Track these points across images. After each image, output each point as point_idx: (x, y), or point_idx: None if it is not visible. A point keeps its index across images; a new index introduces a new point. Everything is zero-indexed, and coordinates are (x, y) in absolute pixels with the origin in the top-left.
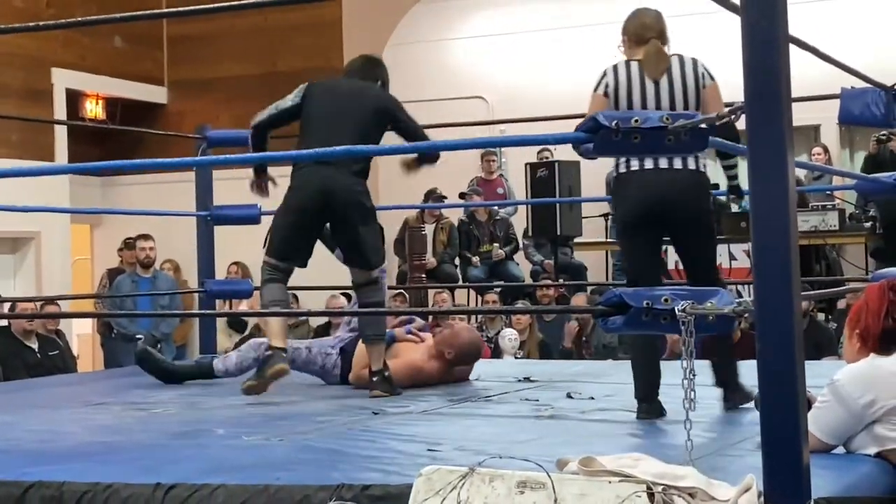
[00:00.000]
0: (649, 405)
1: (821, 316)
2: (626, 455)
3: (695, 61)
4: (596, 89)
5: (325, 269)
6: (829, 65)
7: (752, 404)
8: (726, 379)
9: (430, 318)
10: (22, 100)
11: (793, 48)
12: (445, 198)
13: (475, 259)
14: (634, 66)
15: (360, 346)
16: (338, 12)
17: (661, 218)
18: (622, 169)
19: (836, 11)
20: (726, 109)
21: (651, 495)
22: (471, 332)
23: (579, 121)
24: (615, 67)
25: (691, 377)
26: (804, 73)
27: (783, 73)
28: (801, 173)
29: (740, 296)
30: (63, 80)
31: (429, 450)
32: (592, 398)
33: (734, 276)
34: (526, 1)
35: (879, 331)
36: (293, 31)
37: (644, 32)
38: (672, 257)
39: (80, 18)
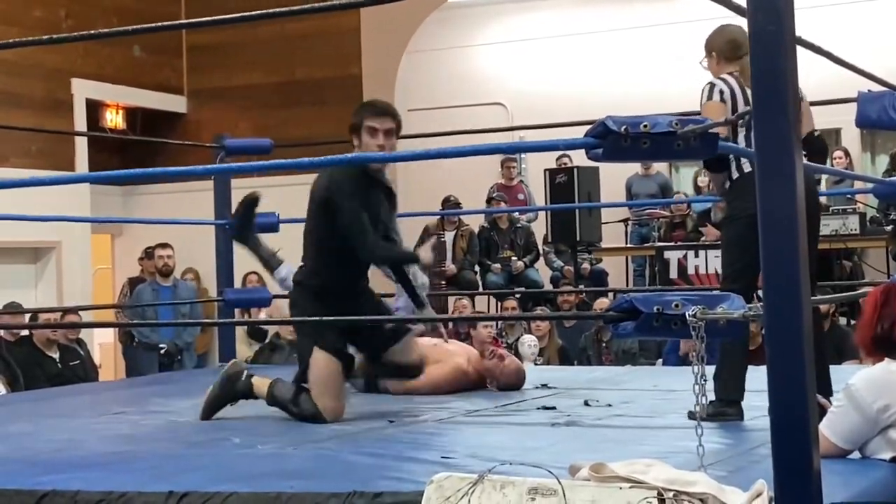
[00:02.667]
0: (740, 407)
1: (843, 320)
2: (638, 461)
3: None
4: (710, 98)
5: None
6: (849, 70)
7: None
8: None
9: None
10: (42, 110)
11: (809, 53)
12: (459, 205)
13: (495, 266)
14: (732, 78)
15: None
16: (356, 20)
17: None
18: None
19: (855, 15)
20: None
21: (662, 501)
22: (518, 375)
23: None
24: (722, 79)
25: (702, 382)
26: (824, 77)
27: (790, 77)
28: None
29: None
30: (83, 90)
31: (442, 457)
32: (610, 405)
33: None
34: (544, 7)
35: (871, 337)
36: (311, 40)
37: (738, 49)
38: (692, 262)
39: (99, 30)
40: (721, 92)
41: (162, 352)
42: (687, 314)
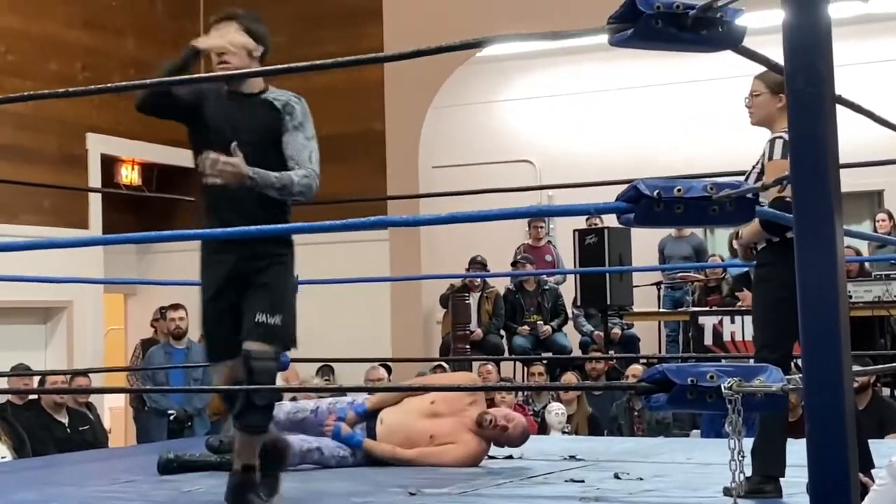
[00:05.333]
0: (778, 484)
1: (885, 391)
2: None
3: None
4: (784, 157)
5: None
6: (891, 129)
7: None
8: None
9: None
10: (56, 165)
11: (849, 112)
12: (486, 265)
13: (522, 328)
14: None
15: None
16: (379, 75)
17: None
18: None
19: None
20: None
21: None
22: (522, 437)
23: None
24: None
25: (739, 458)
26: (866, 137)
27: (830, 140)
28: (862, 242)
29: None
30: (98, 145)
31: None
32: (641, 479)
33: None
34: (573, 62)
35: None
36: (334, 94)
37: None
38: (728, 328)
39: (115, 84)
40: None
41: (171, 417)
42: (723, 387)
